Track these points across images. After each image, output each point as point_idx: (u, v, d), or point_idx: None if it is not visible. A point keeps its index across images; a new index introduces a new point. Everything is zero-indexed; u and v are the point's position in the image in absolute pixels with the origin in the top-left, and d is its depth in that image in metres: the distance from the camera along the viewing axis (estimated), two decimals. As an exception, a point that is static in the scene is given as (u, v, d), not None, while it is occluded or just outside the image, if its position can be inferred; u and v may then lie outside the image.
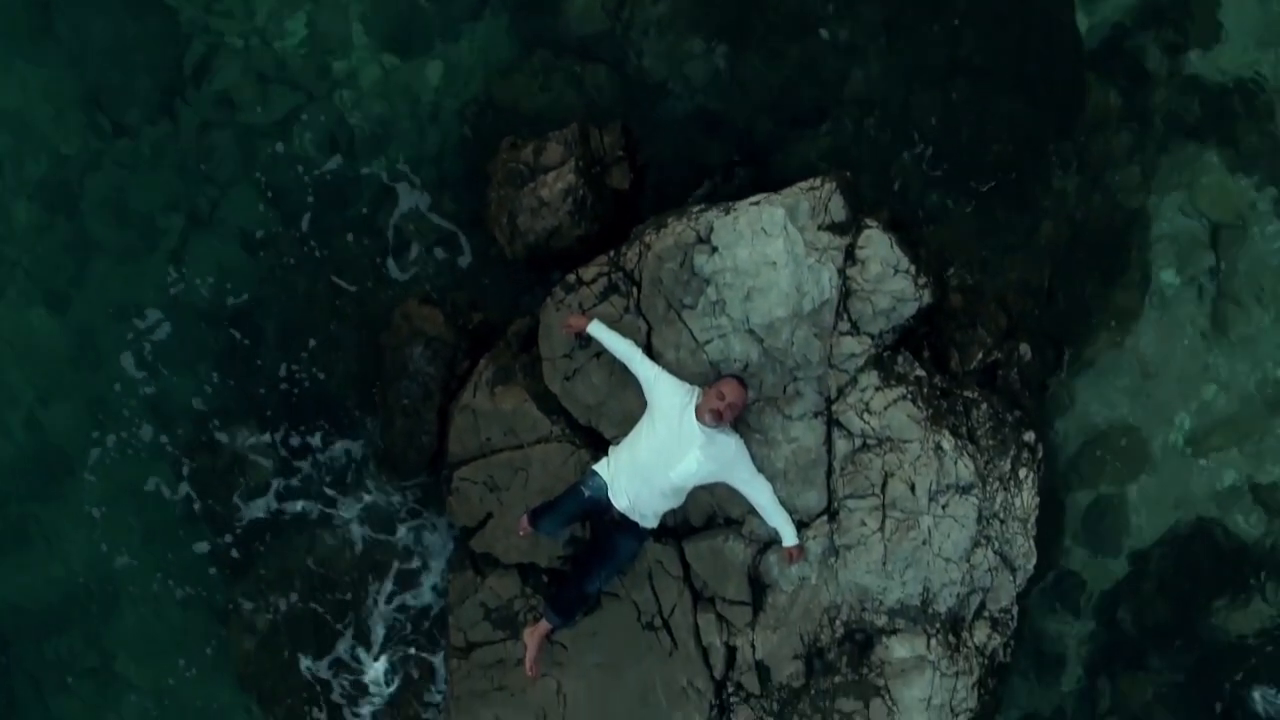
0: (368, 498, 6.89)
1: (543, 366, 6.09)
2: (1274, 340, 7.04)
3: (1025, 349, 6.33)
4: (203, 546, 7.14)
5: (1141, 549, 7.12)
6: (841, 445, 5.88)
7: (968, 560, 6.00)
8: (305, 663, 6.96)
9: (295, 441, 6.99)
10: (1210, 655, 7.10)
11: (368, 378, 6.81)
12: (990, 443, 6.12)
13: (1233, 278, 7.01)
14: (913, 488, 5.83)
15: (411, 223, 6.81)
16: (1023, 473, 6.17)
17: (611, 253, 5.99)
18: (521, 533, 6.03)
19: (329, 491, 6.97)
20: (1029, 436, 6.25)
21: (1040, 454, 6.27)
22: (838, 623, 6.03)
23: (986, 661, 6.26)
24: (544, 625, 6.06)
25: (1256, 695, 7.11)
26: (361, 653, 6.92)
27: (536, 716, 6.30)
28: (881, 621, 6.02)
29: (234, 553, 7.09)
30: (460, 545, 6.53)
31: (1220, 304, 7.02)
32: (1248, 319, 7.04)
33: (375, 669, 6.85)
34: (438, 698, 6.83)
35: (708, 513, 6.06)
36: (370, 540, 6.88)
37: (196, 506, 7.12)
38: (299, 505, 6.99)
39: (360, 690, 6.90)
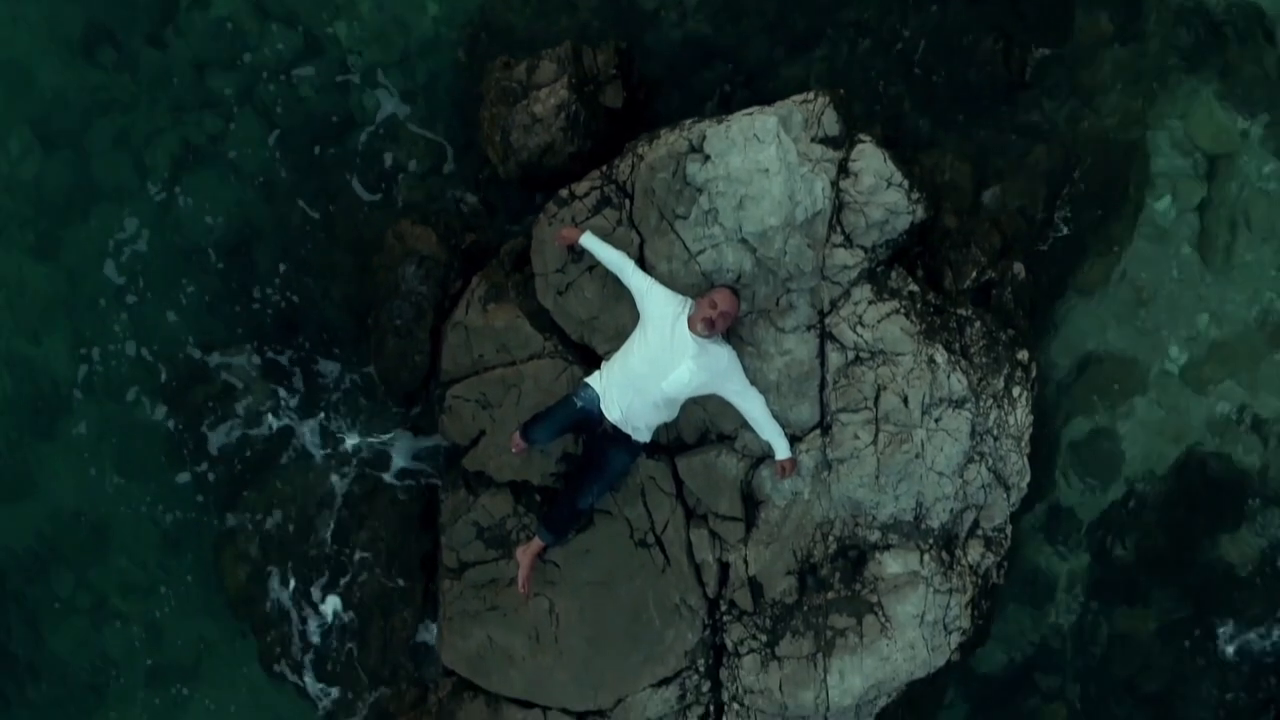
0: (361, 423, 6.87)
1: (535, 282, 6.08)
2: (1267, 270, 7.04)
3: (1019, 268, 6.33)
4: (194, 478, 7.13)
5: (1135, 479, 7.13)
6: (834, 358, 5.87)
7: (961, 475, 5.99)
8: (296, 589, 6.94)
9: (288, 369, 6.98)
10: (1205, 585, 7.11)
11: (361, 304, 6.80)
12: (984, 360, 6.11)
13: (1226, 207, 7.01)
14: (906, 400, 5.82)
15: (405, 147, 6.81)
16: (1016, 391, 6.17)
17: (604, 167, 5.98)
18: (514, 449, 6.02)
19: (322, 418, 6.96)
20: (1023, 355, 6.24)
21: (1034, 373, 6.26)
22: (831, 538, 6.02)
23: (980, 581, 6.25)
24: (536, 543, 6.05)
25: (1250, 627, 7.13)
26: (355, 579, 6.89)
27: (529, 636, 6.29)
28: (874, 537, 6.01)
29: (225, 483, 7.08)
30: (453, 465, 6.50)
31: (1213, 233, 7.02)
32: (1241, 248, 7.04)
33: (368, 594, 6.82)
34: (431, 624, 6.82)
35: (700, 429, 6.05)
36: (363, 465, 6.85)
37: (188, 438, 7.12)
38: (292, 433, 6.99)
39: (351, 615, 6.88)
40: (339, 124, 6.85)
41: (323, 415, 6.94)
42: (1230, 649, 7.11)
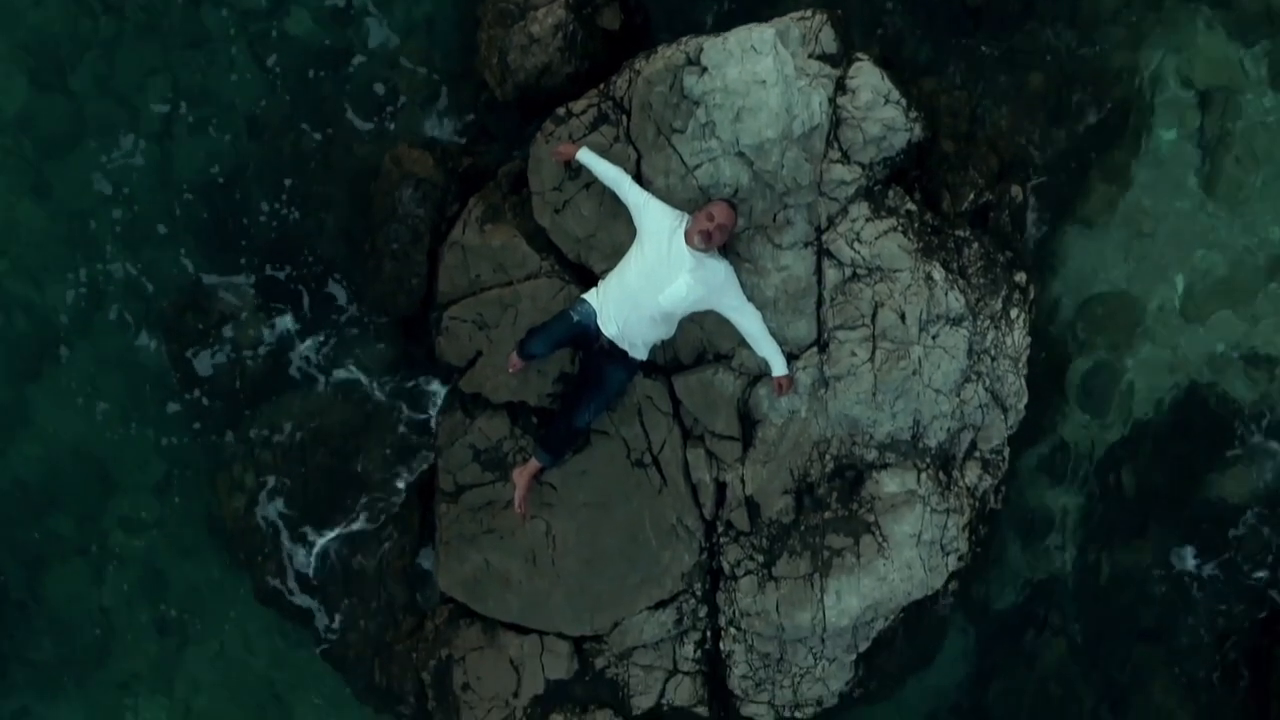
0: (358, 350, 6.86)
1: (532, 201, 6.07)
2: (1268, 203, 7.01)
3: (1017, 191, 6.32)
4: (191, 409, 7.12)
5: (1135, 413, 7.11)
6: (832, 274, 5.86)
7: (958, 394, 5.97)
8: (293, 519, 6.93)
9: (285, 300, 6.96)
10: (1203, 519, 7.09)
11: (357, 233, 6.78)
12: (981, 281, 6.10)
13: (1227, 140, 6.98)
14: (903, 317, 5.81)
15: (402, 75, 6.78)
16: (1014, 313, 6.15)
17: (602, 85, 5.97)
18: (511, 369, 6.02)
19: (319, 346, 6.94)
20: (1020, 277, 6.22)
21: (1031, 295, 6.25)
22: (828, 457, 6.00)
23: (977, 504, 6.24)
24: (533, 464, 6.04)
25: (1247, 560, 7.10)
26: (351, 507, 6.88)
27: (526, 558, 6.28)
28: (871, 456, 6.00)
29: (222, 413, 7.06)
30: (450, 389, 6.49)
31: (1214, 166, 6.99)
32: (1242, 182, 7.01)
33: (364, 521, 6.82)
34: (428, 552, 6.82)
35: (698, 349, 6.03)
36: (360, 394, 6.85)
37: (184, 370, 7.08)
38: (289, 362, 6.97)
39: (347, 545, 6.87)
40: (334, 52, 6.82)
41: (319, 344, 6.92)
42: (1226, 583, 7.09)
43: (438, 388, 6.70)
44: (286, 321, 6.95)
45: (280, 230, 6.92)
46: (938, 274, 5.86)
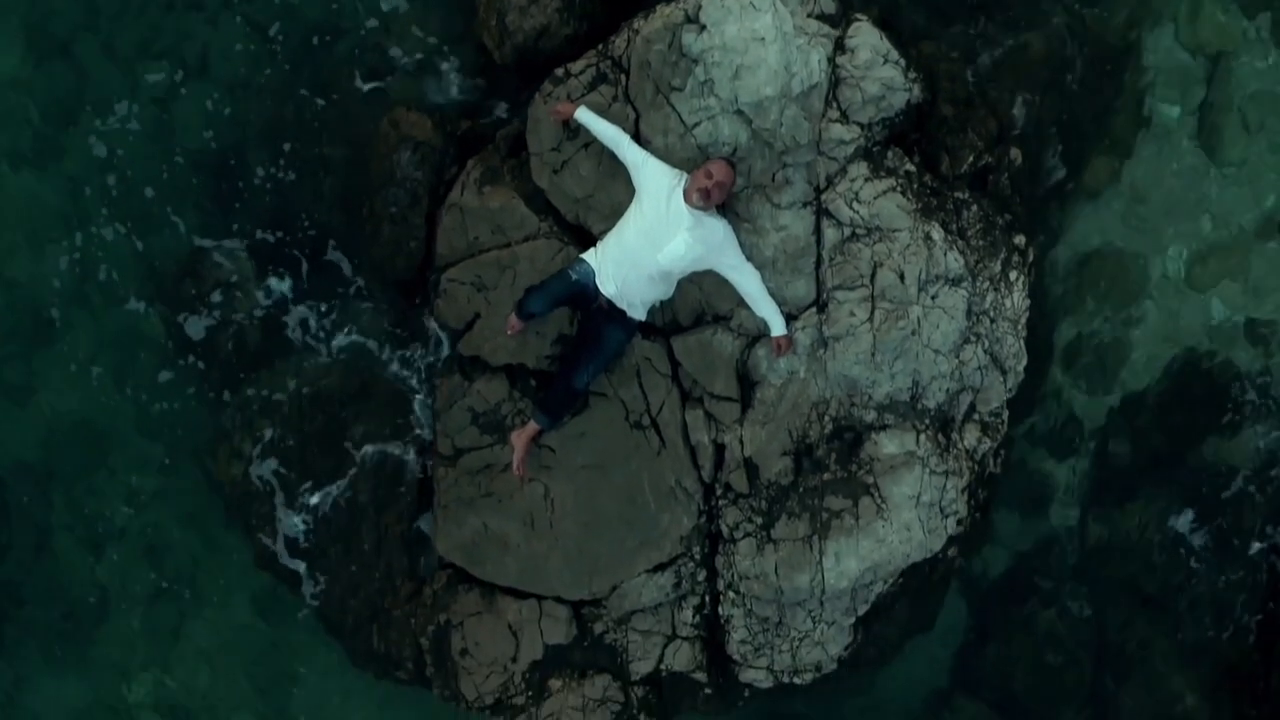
0: (356, 316, 6.85)
1: (531, 162, 6.05)
2: (1268, 170, 7.01)
3: (1016, 153, 6.30)
4: (190, 377, 7.11)
5: (1134, 381, 7.12)
6: (830, 234, 5.85)
7: (957, 356, 5.96)
8: (291, 486, 6.92)
9: (283, 266, 6.94)
10: (1202, 487, 7.08)
11: (356, 198, 6.76)
12: (980, 243, 6.08)
13: (1226, 106, 6.97)
14: (902, 277, 5.79)
15: (401, 39, 6.75)
16: (1013, 275, 6.14)
17: (600, 45, 5.95)
18: (510, 330, 6.00)
19: (317, 313, 6.93)
20: (1019, 240, 6.21)
21: (1031, 258, 6.24)
22: (826, 418, 5.99)
23: (976, 467, 6.23)
24: (532, 427, 6.03)
25: (1246, 528, 7.10)
26: (350, 473, 6.87)
27: (524, 522, 6.27)
28: (870, 417, 5.99)
29: (221, 381, 7.05)
30: (448, 353, 6.49)
31: (1214, 132, 6.99)
32: (1242, 149, 7.01)
33: (363, 487, 6.80)
34: (427, 518, 6.81)
35: (696, 311, 6.02)
36: (359, 359, 6.84)
37: (182, 338, 7.07)
38: (286, 328, 6.95)
39: (346, 511, 6.86)
40: (333, 16, 6.80)
41: (317, 309, 6.90)
42: (1226, 549, 7.08)
43: (436, 351, 6.67)
44: (284, 287, 6.93)
45: (278, 195, 6.90)
46: (937, 234, 5.85)
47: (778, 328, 5.79)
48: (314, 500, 6.91)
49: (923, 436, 5.97)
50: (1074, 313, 7.09)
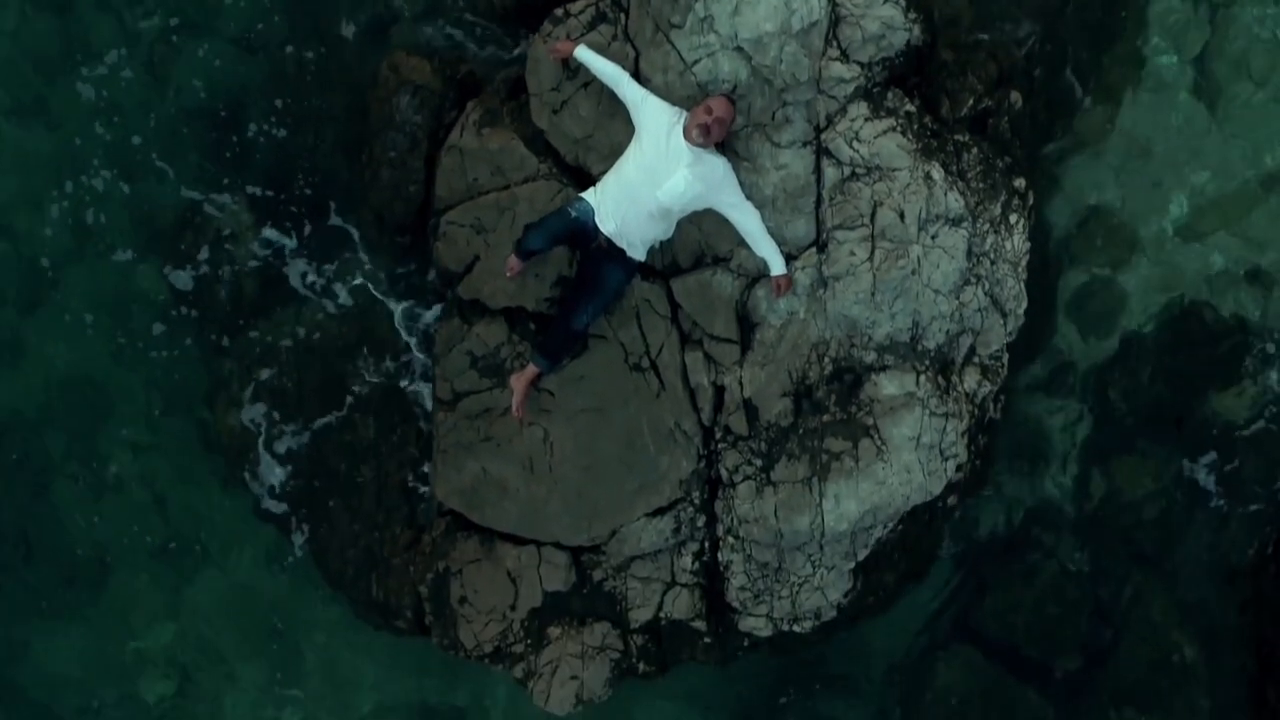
0: (355, 264, 6.84)
1: (530, 103, 6.04)
2: (1265, 121, 7.01)
3: (1016, 97, 6.28)
4: (187, 332, 7.09)
5: (1132, 331, 7.11)
6: (830, 173, 5.84)
7: (957, 297, 5.96)
8: (291, 435, 6.91)
9: (282, 214, 6.94)
10: (1201, 437, 7.09)
11: (355, 143, 6.75)
12: (980, 185, 6.08)
13: (1226, 56, 6.98)
14: (902, 216, 5.79)
15: (398, -12, 6.77)
16: (1013, 218, 6.13)
17: (600, -15, 5.94)
18: (509, 273, 5.99)
19: (315, 262, 6.92)
20: (1019, 183, 6.21)
21: (1031, 202, 6.23)
22: (826, 359, 5.98)
23: (976, 411, 6.22)
24: (531, 369, 6.02)
25: (1245, 478, 7.10)
26: (349, 421, 6.86)
27: (523, 466, 6.25)
28: (870, 358, 5.98)
29: (220, 334, 7.03)
30: (447, 296, 6.47)
31: (1212, 84, 6.99)
32: (1240, 100, 7.01)
33: (362, 435, 6.79)
34: (427, 464, 6.80)
35: (696, 252, 6.01)
36: (358, 305, 6.82)
37: (179, 290, 7.05)
38: (285, 278, 6.95)
39: (350, 457, 6.84)
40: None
41: (316, 257, 6.91)
42: (1226, 500, 7.08)
43: (435, 295, 6.66)
44: (282, 237, 6.93)
45: (276, 145, 6.90)
46: (937, 174, 5.84)
47: (777, 267, 5.78)
48: (313, 449, 6.90)
49: (923, 378, 5.96)
50: (1075, 263, 7.09)
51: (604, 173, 5.83)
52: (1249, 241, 7.06)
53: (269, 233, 6.91)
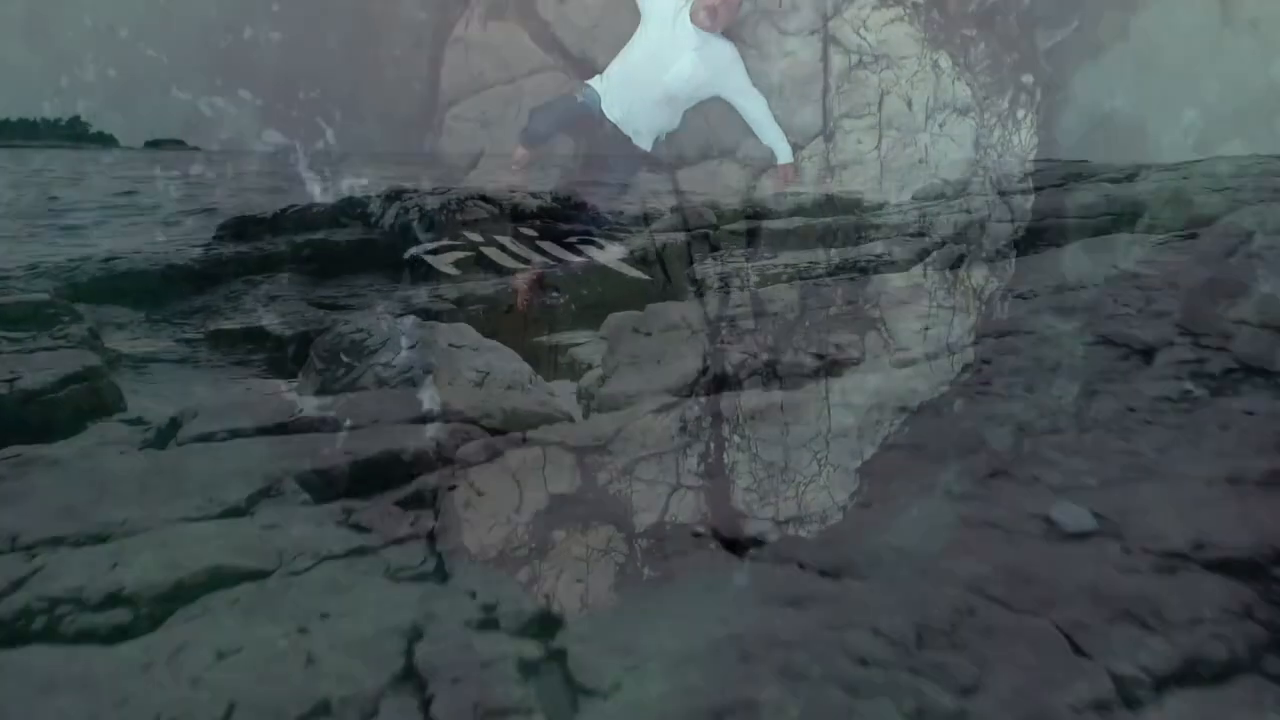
0: (358, 166, 6.80)
1: (536, -6, 6.01)
2: None
3: (1024, -8, 6.25)
4: (189, 240, 7.05)
5: (1145, 243, 7.04)
6: (838, 61, 5.81)
7: (965, 188, 5.91)
8: (294, 342, 6.87)
9: (283, 121, 6.89)
10: (1212, 354, 7.02)
11: (358, 43, 6.72)
12: (988, 80, 6.04)
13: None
14: (910, 104, 5.75)
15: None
16: (1021, 113, 6.10)
17: (605, -127, 5.91)
18: (515, 165, 5.95)
19: (319, 171, 6.87)
20: (1027, 79, 6.17)
21: (1038, 97, 6.18)
22: (833, 250, 5.94)
23: (983, 308, 6.17)
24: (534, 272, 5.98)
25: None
26: (354, 324, 6.81)
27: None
28: (878, 250, 5.94)
29: (221, 240, 6.99)
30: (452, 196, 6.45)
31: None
32: (1255, 5, 6.97)
33: (364, 335, 6.74)
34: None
35: (702, 145, 5.98)
36: (361, 208, 6.79)
37: (182, 202, 7.03)
38: (285, 189, 6.90)
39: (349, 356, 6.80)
40: None
41: (320, 164, 6.85)
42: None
43: (440, 196, 6.63)
44: (285, 140, 6.87)
45: (278, 47, 6.84)
46: (945, 62, 5.81)
47: (783, 155, 5.74)
48: (316, 357, 6.84)
49: (930, 270, 5.92)
50: (1084, 175, 7.04)
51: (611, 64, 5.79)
52: (1262, 155, 7.02)
53: (270, 135, 6.86)
